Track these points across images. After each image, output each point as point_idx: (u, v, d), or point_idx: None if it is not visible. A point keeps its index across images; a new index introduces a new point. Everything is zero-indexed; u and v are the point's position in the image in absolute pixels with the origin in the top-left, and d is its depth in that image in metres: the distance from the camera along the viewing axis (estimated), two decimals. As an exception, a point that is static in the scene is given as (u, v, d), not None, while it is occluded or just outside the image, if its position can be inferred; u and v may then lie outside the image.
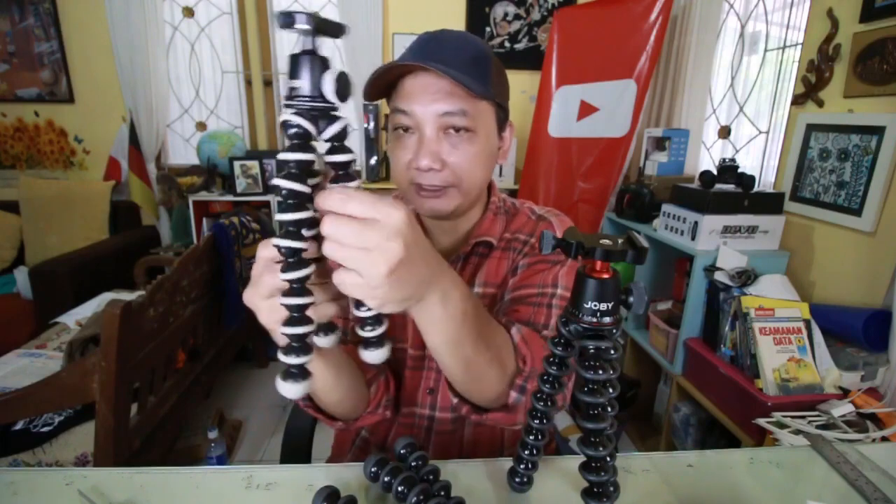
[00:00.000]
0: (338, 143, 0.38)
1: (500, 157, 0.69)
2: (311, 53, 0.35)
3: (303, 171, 0.37)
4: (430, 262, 0.42)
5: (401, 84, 0.61)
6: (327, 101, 0.35)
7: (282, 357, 0.40)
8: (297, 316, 0.39)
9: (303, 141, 0.36)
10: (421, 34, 0.64)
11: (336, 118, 0.37)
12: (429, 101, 0.59)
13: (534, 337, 0.59)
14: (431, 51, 0.60)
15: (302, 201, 0.37)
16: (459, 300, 0.46)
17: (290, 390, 0.41)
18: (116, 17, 2.34)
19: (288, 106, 0.36)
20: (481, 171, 0.65)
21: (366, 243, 0.35)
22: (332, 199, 0.35)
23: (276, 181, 0.37)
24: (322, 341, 0.44)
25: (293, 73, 0.35)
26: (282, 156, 0.37)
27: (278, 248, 0.37)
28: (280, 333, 0.40)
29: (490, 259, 0.71)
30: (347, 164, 0.38)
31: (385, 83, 0.62)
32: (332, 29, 0.35)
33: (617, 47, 2.03)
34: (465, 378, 0.53)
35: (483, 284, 0.71)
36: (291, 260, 0.37)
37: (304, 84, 0.35)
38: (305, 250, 0.37)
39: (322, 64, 0.35)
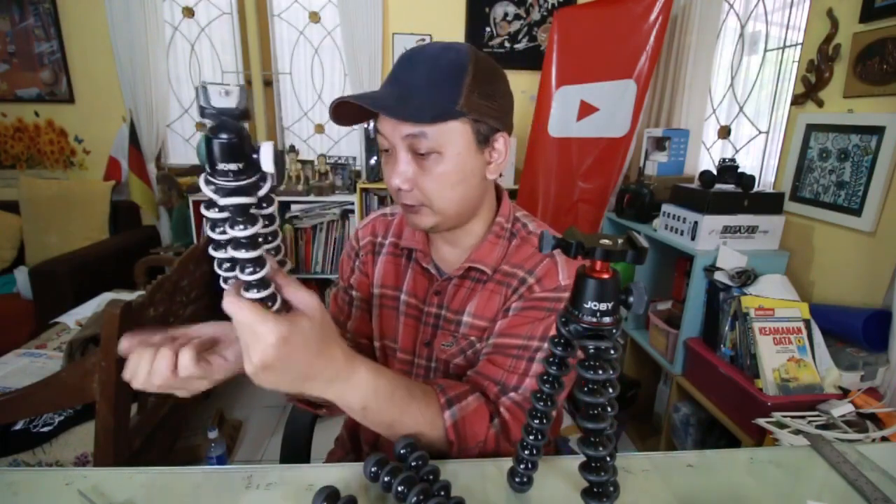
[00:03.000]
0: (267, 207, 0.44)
1: (489, 172, 0.66)
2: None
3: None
4: (310, 370, 0.48)
5: None
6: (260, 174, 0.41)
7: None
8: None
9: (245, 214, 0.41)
10: (405, 52, 0.64)
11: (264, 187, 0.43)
12: (394, 124, 0.60)
13: (473, 415, 0.61)
14: (401, 73, 0.61)
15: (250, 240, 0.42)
16: (356, 400, 0.53)
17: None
18: (116, 17, 2.34)
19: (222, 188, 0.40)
20: (452, 191, 0.63)
21: (245, 339, 0.43)
22: (227, 304, 0.42)
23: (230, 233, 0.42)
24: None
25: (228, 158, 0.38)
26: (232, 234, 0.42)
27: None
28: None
29: (483, 290, 0.70)
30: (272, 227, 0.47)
31: (354, 113, 0.62)
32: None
33: (617, 47, 2.03)
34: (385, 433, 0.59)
35: (472, 315, 0.70)
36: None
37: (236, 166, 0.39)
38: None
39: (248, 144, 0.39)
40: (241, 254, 0.41)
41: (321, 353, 0.48)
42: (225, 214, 0.41)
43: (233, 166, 0.38)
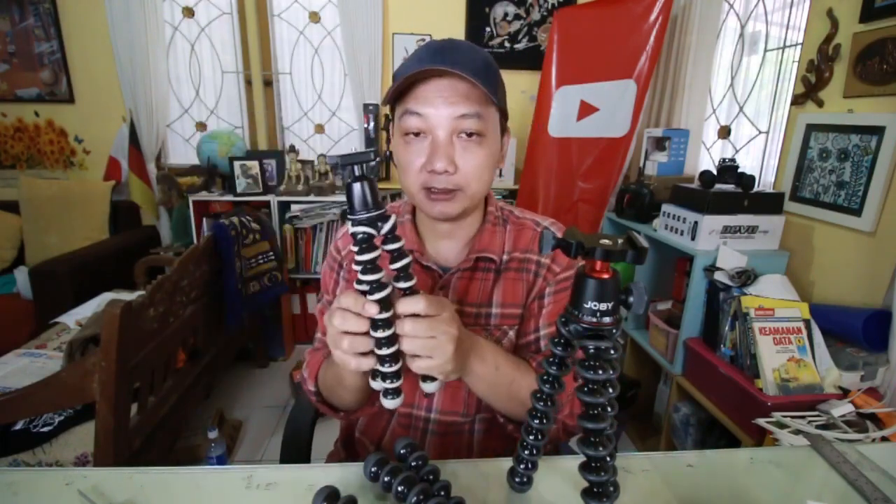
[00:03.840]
0: (391, 234, 0.51)
1: (499, 162, 0.69)
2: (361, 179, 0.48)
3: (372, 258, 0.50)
4: (467, 335, 0.56)
5: (413, 89, 0.61)
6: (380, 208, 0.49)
7: (376, 384, 0.53)
8: (388, 354, 0.51)
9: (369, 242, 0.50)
10: (430, 41, 0.64)
11: (387, 217, 0.50)
12: (444, 103, 0.60)
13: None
14: (447, 55, 0.60)
15: (377, 281, 0.50)
16: (490, 355, 0.60)
17: (392, 403, 0.53)
18: (116, 17, 2.34)
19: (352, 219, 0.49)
20: (488, 175, 0.65)
21: (434, 332, 0.50)
22: (407, 302, 0.50)
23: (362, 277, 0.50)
24: (429, 387, 0.55)
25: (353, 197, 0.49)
26: (358, 258, 0.50)
27: (363, 282, 0.50)
28: (380, 368, 0.52)
29: (504, 279, 0.71)
30: (401, 249, 0.51)
31: (400, 88, 0.62)
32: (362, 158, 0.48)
33: (617, 47, 2.03)
34: (508, 407, 0.64)
35: (501, 305, 0.71)
36: (375, 289, 0.50)
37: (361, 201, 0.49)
38: (382, 281, 0.50)
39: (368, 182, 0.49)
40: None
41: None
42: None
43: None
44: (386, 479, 0.51)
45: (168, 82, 2.55)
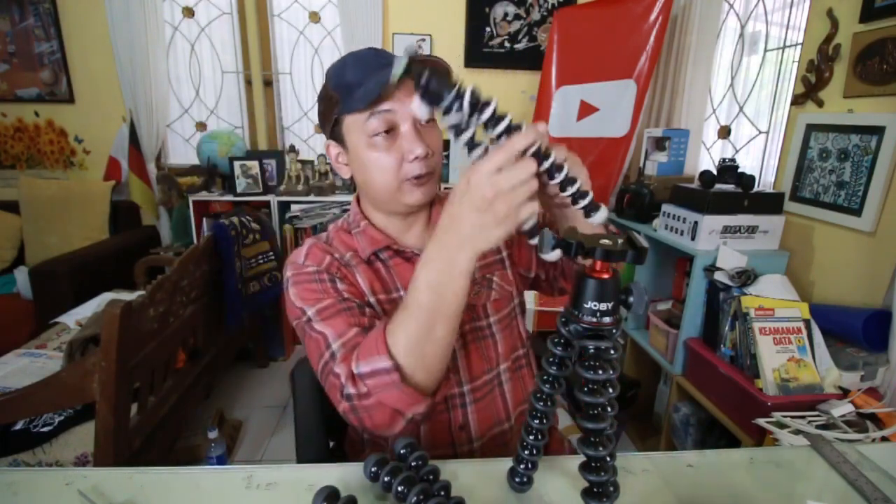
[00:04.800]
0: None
1: None
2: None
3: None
4: None
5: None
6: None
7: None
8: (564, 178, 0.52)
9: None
10: (351, 53, 0.69)
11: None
12: (407, 98, 0.65)
13: None
14: (387, 58, 0.67)
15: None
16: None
17: (600, 216, 0.53)
18: (116, 17, 2.34)
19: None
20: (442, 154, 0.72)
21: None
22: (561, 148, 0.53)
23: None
24: (599, 217, 0.53)
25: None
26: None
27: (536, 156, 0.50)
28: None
29: None
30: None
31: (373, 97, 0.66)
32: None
33: (617, 47, 2.03)
34: None
35: (483, 258, 0.77)
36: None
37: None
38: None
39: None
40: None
41: None
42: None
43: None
44: (386, 479, 0.51)
45: (168, 82, 2.55)
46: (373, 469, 0.53)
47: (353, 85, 0.65)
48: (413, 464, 0.53)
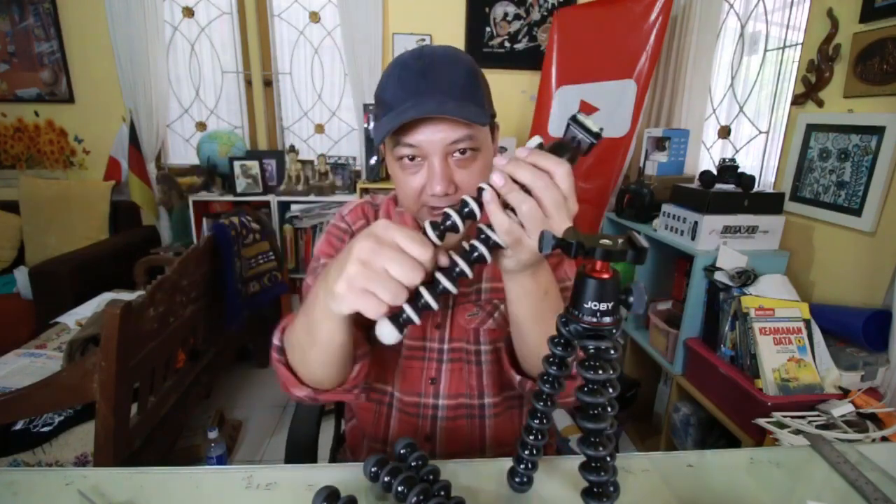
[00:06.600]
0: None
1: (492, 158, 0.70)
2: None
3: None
4: None
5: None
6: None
7: (407, 306, 0.46)
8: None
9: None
10: (406, 60, 0.62)
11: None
12: (435, 132, 0.59)
13: None
14: (430, 79, 0.59)
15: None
16: (545, 280, 0.55)
17: (389, 335, 0.46)
18: (116, 17, 2.34)
19: None
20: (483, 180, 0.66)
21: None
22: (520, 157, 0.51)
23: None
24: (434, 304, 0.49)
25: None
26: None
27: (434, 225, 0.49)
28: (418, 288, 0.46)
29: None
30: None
31: (393, 130, 0.60)
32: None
33: (617, 47, 2.03)
34: (541, 351, 0.56)
35: (491, 280, 0.74)
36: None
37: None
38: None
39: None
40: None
41: None
42: None
43: None
44: (386, 479, 0.51)
45: (168, 82, 2.55)
46: (373, 469, 0.53)
47: (386, 105, 0.62)
48: (413, 464, 0.53)
